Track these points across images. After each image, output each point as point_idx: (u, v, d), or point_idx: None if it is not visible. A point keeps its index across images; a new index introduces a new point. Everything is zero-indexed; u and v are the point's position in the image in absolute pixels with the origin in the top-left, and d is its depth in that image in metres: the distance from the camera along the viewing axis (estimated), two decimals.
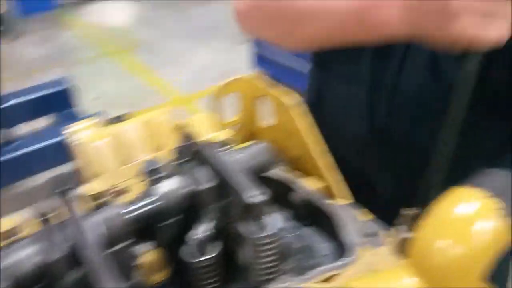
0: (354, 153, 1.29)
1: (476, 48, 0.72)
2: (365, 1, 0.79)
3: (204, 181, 0.92)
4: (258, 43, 5.39)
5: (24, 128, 2.99)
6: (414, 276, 0.72)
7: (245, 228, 0.88)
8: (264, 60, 5.47)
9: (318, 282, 0.84)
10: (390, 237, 0.96)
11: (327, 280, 0.85)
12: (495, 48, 0.72)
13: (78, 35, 7.46)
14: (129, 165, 1.33)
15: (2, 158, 2.66)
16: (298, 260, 1.04)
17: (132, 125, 1.43)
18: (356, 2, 0.80)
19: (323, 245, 1.07)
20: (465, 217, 0.70)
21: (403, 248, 0.83)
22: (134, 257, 1.07)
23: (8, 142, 2.69)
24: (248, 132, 1.32)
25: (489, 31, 0.69)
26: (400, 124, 1.18)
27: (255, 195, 0.86)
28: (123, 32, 7.49)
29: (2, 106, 2.58)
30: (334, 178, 1.10)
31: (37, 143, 3.06)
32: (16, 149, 2.83)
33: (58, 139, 3.06)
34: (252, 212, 0.86)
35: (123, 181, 1.21)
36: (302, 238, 1.10)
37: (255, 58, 5.54)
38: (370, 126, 1.22)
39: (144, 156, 1.22)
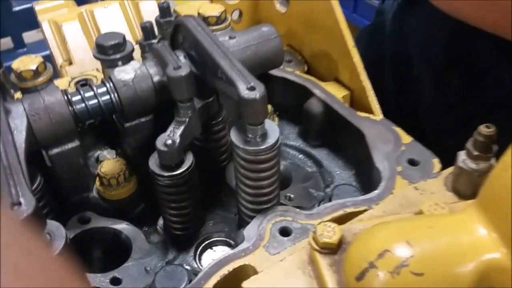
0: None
1: None
2: None
3: (180, 67, 0.63)
4: None
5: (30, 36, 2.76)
6: (486, 225, 0.45)
7: (236, 135, 0.61)
8: None
9: (331, 219, 0.59)
10: (439, 165, 0.68)
11: (344, 217, 0.59)
12: None
13: None
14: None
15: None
16: (307, 188, 0.77)
17: (112, 6, 1.13)
18: None
19: (342, 171, 0.80)
20: None
21: (466, 183, 0.55)
22: (89, 164, 0.82)
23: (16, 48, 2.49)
24: (254, 21, 1.01)
25: None
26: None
27: (255, 88, 0.57)
28: None
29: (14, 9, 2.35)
30: (365, 85, 0.81)
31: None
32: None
33: None
34: (248, 111, 0.58)
35: (87, 72, 0.93)
36: (315, 160, 0.83)
37: None
38: None
39: None
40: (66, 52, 1.06)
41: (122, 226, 0.72)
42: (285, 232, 0.60)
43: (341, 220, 0.56)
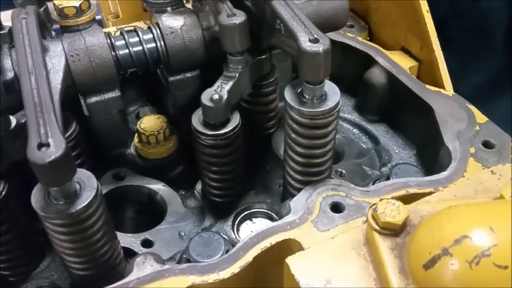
0: None
1: None
2: None
3: (235, 14, 0.57)
4: None
5: None
6: None
7: (291, 94, 0.54)
8: None
9: (391, 198, 0.51)
10: None
11: (406, 198, 0.52)
12: None
13: None
14: None
15: None
16: (360, 165, 0.70)
17: None
18: None
19: (401, 150, 0.72)
20: None
21: None
22: (129, 120, 0.77)
23: None
24: None
25: None
26: None
27: (318, 40, 0.50)
28: None
29: None
30: (437, 56, 0.72)
31: None
32: None
33: None
34: (308, 66, 0.50)
35: (133, 24, 0.88)
36: (371, 136, 0.75)
37: None
38: None
39: None
40: (114, 4, 1.01)
41: (158, 187, 0.68)
42: (337, 208, 0.53)
43: (402, 202, 0.49)
